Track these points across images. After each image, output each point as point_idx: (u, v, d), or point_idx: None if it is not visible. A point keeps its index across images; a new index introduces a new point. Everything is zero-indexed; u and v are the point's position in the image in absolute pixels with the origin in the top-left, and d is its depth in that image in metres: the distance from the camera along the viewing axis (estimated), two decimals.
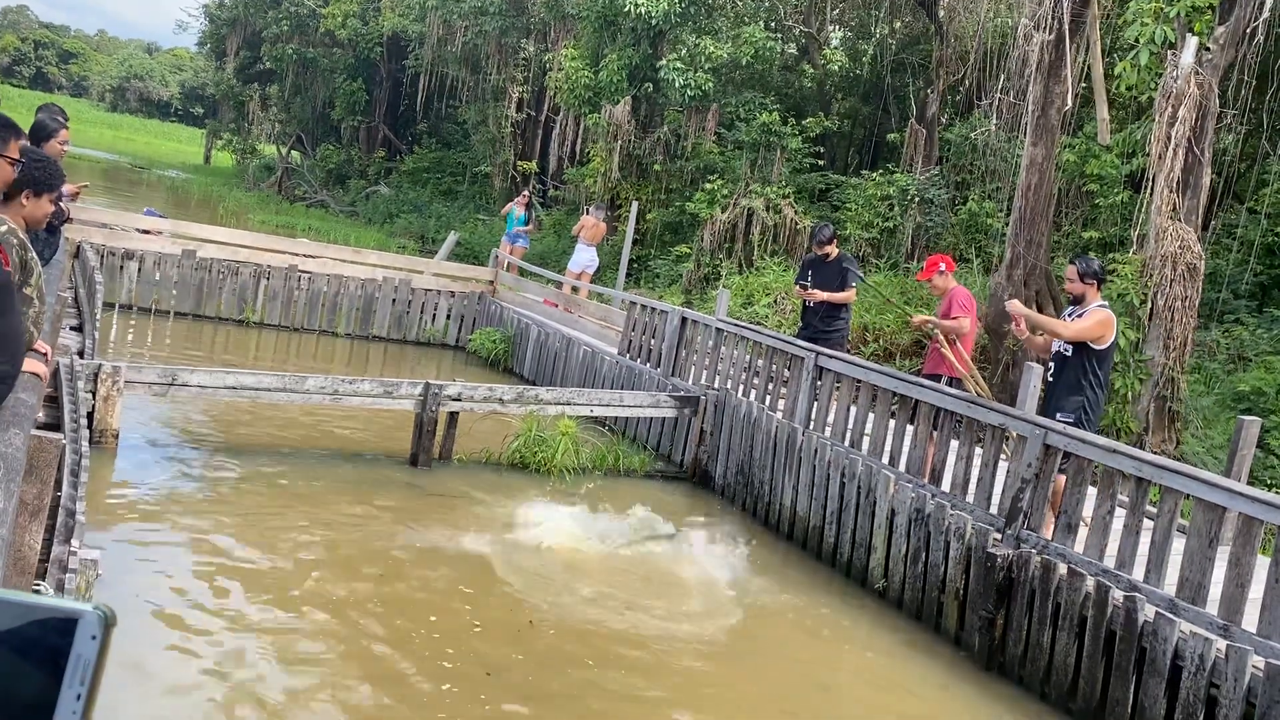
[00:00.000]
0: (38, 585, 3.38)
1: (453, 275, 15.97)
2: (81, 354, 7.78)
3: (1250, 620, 5.15)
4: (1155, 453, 8.32)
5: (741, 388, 9.61)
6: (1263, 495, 5.23)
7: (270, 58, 35.80)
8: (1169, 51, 9.93)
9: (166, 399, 8.32)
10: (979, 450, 7.05)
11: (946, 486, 7.17)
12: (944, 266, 8.34)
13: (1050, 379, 6.76)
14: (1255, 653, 4.92)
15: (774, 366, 9.29)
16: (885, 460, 7.68)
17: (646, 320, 11.23)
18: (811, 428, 8.46)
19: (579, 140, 23.01)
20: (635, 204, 17.60)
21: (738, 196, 17.27)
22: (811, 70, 22.08)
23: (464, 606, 6.05)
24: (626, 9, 18.21)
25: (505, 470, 8.87)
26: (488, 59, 27.25)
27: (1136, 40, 10.17)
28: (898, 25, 21.47)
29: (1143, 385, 9.96)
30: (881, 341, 12.87)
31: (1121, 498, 6.37)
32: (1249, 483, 6.62)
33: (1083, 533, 6.22)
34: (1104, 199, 14.03)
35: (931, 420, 7.45)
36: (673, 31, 19.00)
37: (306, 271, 14.66)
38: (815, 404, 8.57)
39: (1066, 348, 6.61)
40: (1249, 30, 10.03)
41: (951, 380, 8.01)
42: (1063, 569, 5.91)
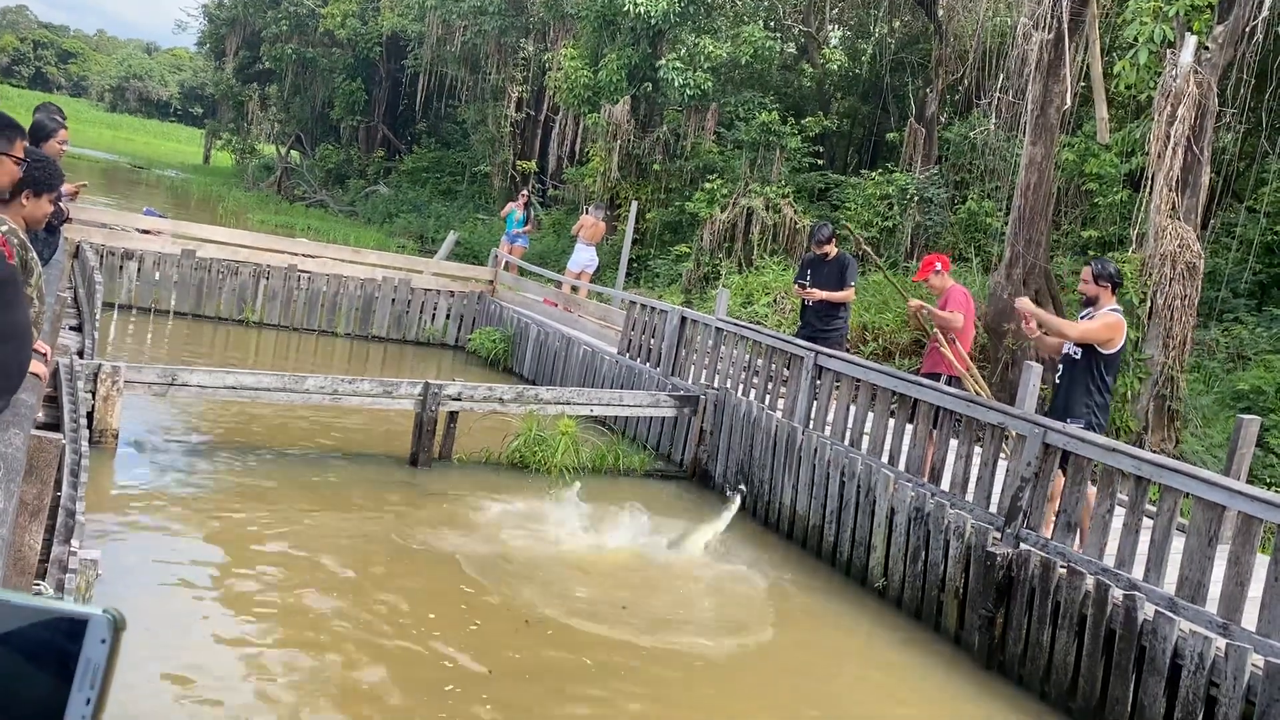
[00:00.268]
0: (38, 585, 3.38)
1: (452, 275, 15.97)
2: (81, 354, 7.78)
3: (1250, 619, 5.15)
4: (1155, 451, 8.32)
5: (741, 387, 9.61)
6: (1262, 494, 5.23)
7: (269, 57, 35.79)
8: (1168, 50, 9.94)
9: (166, 399, 8.32)
10: (978, 449, 7.05)
11: (946, 485, 7.17)
12: (939, 266, 8.37)
13: (1058, 381, 6.73)
14: (1255, 651, 4.93)
15: (773, 366, 9.30)
16: (885, 459, 7.69)
17: (646, 320, 11.24)
18: (811, 427, 8.46)
19: (578, 140, 23.01)
20: (635, 203, 17.60)
21: (737, 196, 17.27)
22: (811, 69, 22.08)
23: (461, 606, 6.05)
24: (626, 8, 18.21)
25: (505, 470, 8.87)
26: (487, 58, 27.24)
27: (1135, 39, 10.18)
28: (897, 24, 21.48)
29: (1142, 384, 9.97)
30: (881, 341, 12.88)
31: (1121, 496, 6.37)
32: (1248, 481, 6.63)
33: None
34: (1103, 198, 14.04)
35: (931, 419, 7.45)
36: (672, 31, 19.00)
37: (306, 271, 14.66)
38: (815, 403, 8.57)
39: (1075, 350, 6.57)
40: (1248, 29, 10.04)
41: (950, 379, 8.01)
42: (1062, 568, 5.91)
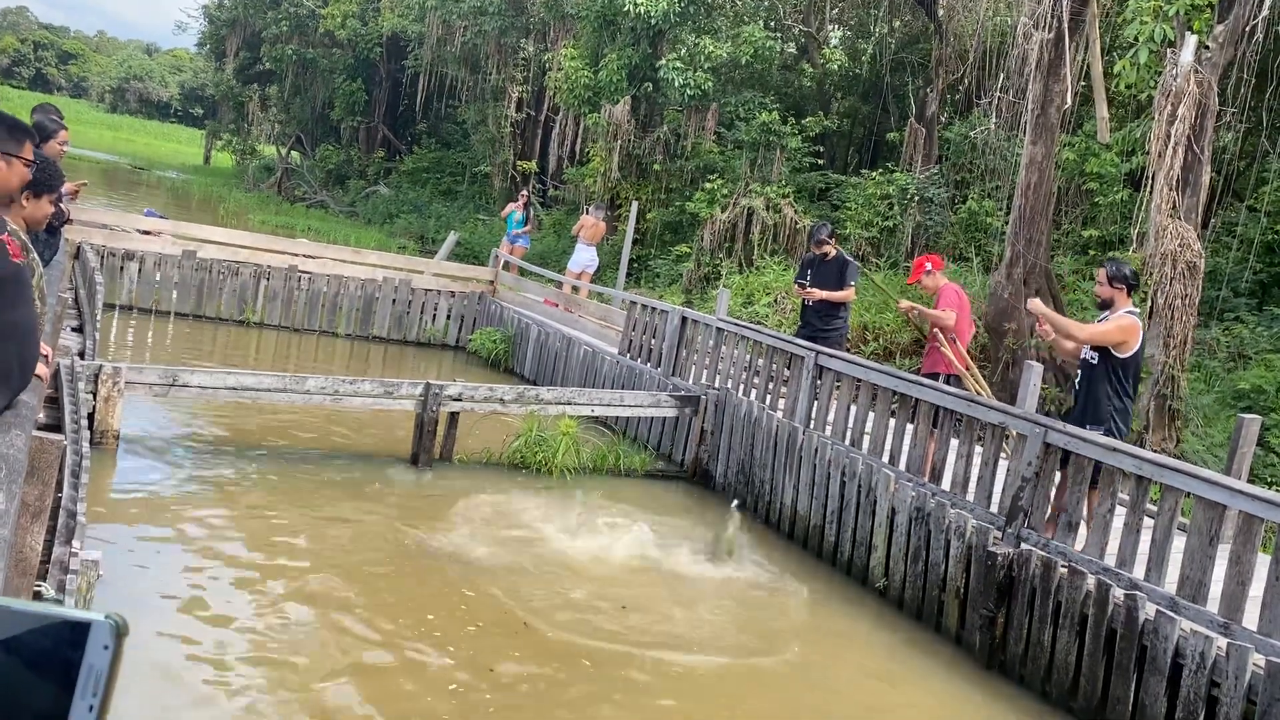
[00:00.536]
0: (39, 586, 3.38)
1: (453, 275, 15.97)
2: (82, 355, 7.78)
3: (1251, 618, 5.15)
4: (1156, 451, 8.32)
5: (742, 387, 9.61)
6: (1263, 493, 5.23)
7: (270, 58, 35.79)
8: (1168, 50, 9.93)
9: (167, 400, 8.32)
10: (979, 449, 7.05)
11: (947, 485, 7.17)
12: (930, 266, 8.40)
13: (1077, 387, 6.68)
14: (1256, 651, 4.92)
15: (774, 366, 9.30)
16: (885, 459, 7.69)
17: (647, 320, 11.23)
18: (812, 427, 8.46)
19: (578, 140, 23.00)
20: (635, 203, 17.59)
21: (737, 196, 17.27)
22: (811, 69, 22.08)
23: (461, 607, 6.05)
24: (626, 8, 18.21)
25: (506, 470, 8.87)
26: (487, 59, 27.23)
27: (1136, 38, 10.17)
28: (897, 24, 21.47)
29: (1143, 384, 9.96)
30: (881, 340, 12.88)
31: (1122, 496, 6.37)
32: (1249, 481, 6.63)
33: (1083, 531, 6.23)
34: (1104, 197, 14.04)
35: (931, 419, 7.45)
36: (672, 31, 19.00)
37: (306, 272, 14.67)
38: (815, 403, 8.57)
39: (1092, 354, 6.51)
40: (1248, 28, 10.03)
41: (949, 378, 8.01)
42: (1063, 568, 5.91)
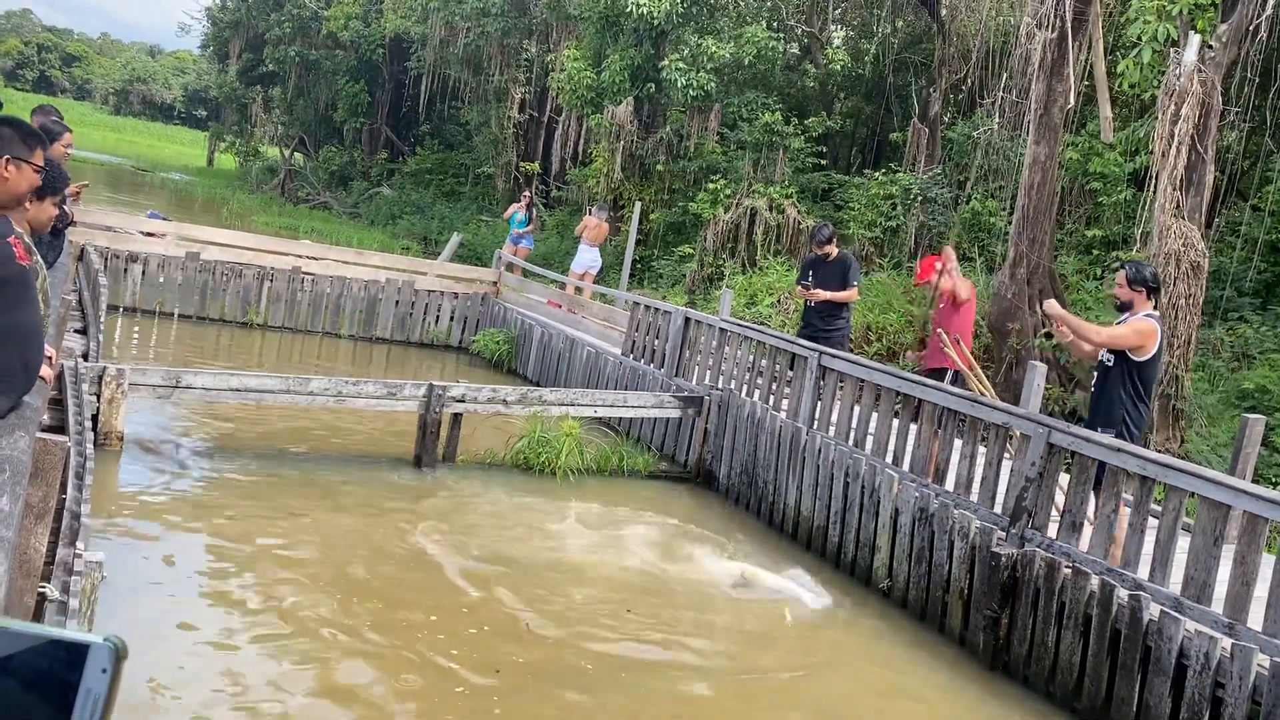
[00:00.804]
0: (43, 588, 3.39)
1: (456, 276, 15.98)
2: (86, 357, 7.79)
3: (1256, 619, 5.14)
4: (1160, 451, 8.30)
5: (745, 388, 9.60)
6: (1268, 493, 5.22)
7: (273, 60, 35.83)
8: (1172, 49, 9.92)
9: (170, 401, 8.33)
10: (982, 449, 7.04)
11: (950, 486, 7.16)
12: (939, 265, 8.43)
13: (1093, 389, 6.65)
14: (1261, 651, 4.91)
15: (777, 366, 9.29)
16: (889, 460, 7.68)
17: (650, 321, 11.23)
18: (815, 428, 8.45)
19: (581, 141, 23.01)
20: (638, 204, 17.59)
21: (740, 196, 17.26)
22: (814, 70, 22.06)
23: (463, 608, 6.05)
24: (628, 9, 18.21)
25: (509, 471, 8.87)
26: (490, 60, 27.24)
27: (1139, 38, 10.16)
28: (900, 24, 21.44)
29: None
30: (885, 341, 12.87)
31: (1126, 496, 6.36)
32: (1254, 481, 6.61)
33: (1087, 531, 6.22)
34: (1107, 197, 14.01)
35: (935, 419, 7.44)
36: (675, 32, 19.00)
37: (310, 273, 14.69)
38: (819, 404, 8.56)
39: (1108, 357, 6.45)
40: (1252, 27, 10.01)
41: (955, 375, 8.02)
42: (1067, 568, 5.90)
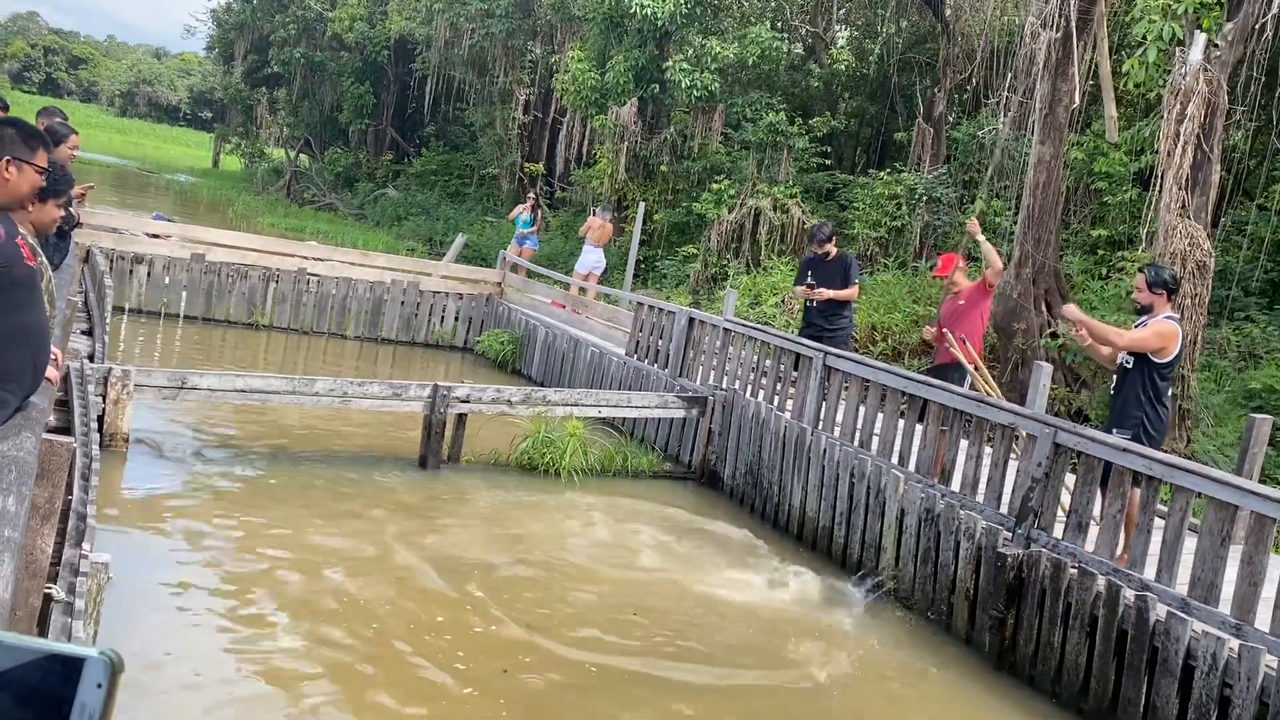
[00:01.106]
0: (49, 588, 3.39)
1: (461, 277, 15.99)
2: (92, 358, 7.81)
3: (1263, 619, 5.12)
4: (1166, 451, 8.27)
5: (749, 388, 9.59)
6: (1275, 493, 5.20)
7: (278, 61, 35.89)
8: (1177, 48, 9.89)
9: (176, 402, 8.34)
10: (988, 449, 7.03)
11: (956, 486, 7.15)
12: (960, 264, 8.71)
13: (1113, 392, 6.62)
14: (1269, 652, 4.90)
15: (782, 367, 9.28)
16: (895, 460, 7.67)
17: (654, 321, 11.23)
18: (820, 428, 8.44)
19: (586, 141, 23.00)
20: (642, 205, 17.59)
21: (745, 197, 17.25)
22: (818, 70, 22.04)
23: (466, 607, 6.05)
24: (633, 10, 18.21)
25: (514, 472, 8.88)
26: (494, 61, 27.26)
27: (1144, 37, 10.14)
28: (904, 24, 21.42)
29: None
30: (890, 341, 12.85)
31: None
32: (1261, 481, 6.59)
33: (1093, 532, 6.20)
34: (1112, 197, 13.98)
35: (941, 420, 7.43)
36: (679, 32, 18.99)
37: (315, 274, 14.71)
38: (824, 404, 8.56)
39: (1128, 359, 6.45)
40: (1257, 26, 9.98)
41: (962, 374, 8.05)
42: (1073, 569, 5.89)
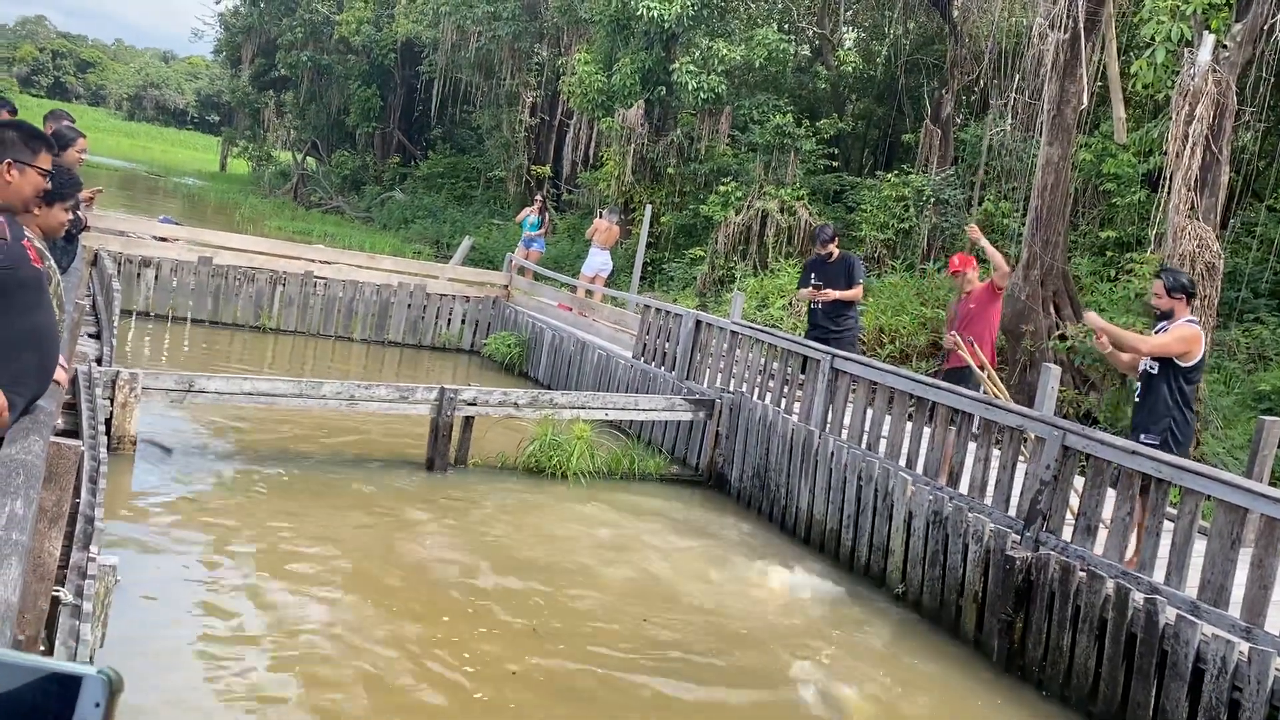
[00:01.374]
0: (57, 591, 3.40)
1: (468, 280, 16.02)
2: (99, 361, 7.83)
3: (1274, 622, 5.10)
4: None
5: (757, 391, 9.58)
6: None
7: (285, 65, 36.00)
8: (1185, 49, 9.86)
9: (183, 405, 8.36)
10: (997, 452, 7.00)
11: (964, 489, 7.13)
12: (975, 264, 8.82)
13: (1137, 399, 6.56)
14: (1279, 655, 4.87)
15: (789, 369, 9.27)
16: (903, 463, 7.65)
17: (661, 323, 11.22)
18: (828, 430, 8.42)
19: (592, 144, 23.02)
20: (649, 207, 17.59)
21: (752, 199, 17.24)
22: (825, 72, 22.02)
23: (469, 611, 6.05)
24: (639, 12, 18.21)
25: (520, 474, 8.87)
26: (501, 64, 27.30)
27: (1152, 38, 10.10)
28: (911, 26, 21.39)
29: None
30: (898, 343, 12.82)
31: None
32: (1271, 483, 6.55)
33: (1102, 535, 6.18)
34: (1121, 198, 13.94)
35: (949, 422, 7.41)
36: (685, 34, 18.99)
37: (322, 277, 14.75)
38: (831, 407, 8.54)
39: (1152, 365, 6.38)
40: (1266, 27, 9.94)
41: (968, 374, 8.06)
42: (1082, 571, 5.86)
